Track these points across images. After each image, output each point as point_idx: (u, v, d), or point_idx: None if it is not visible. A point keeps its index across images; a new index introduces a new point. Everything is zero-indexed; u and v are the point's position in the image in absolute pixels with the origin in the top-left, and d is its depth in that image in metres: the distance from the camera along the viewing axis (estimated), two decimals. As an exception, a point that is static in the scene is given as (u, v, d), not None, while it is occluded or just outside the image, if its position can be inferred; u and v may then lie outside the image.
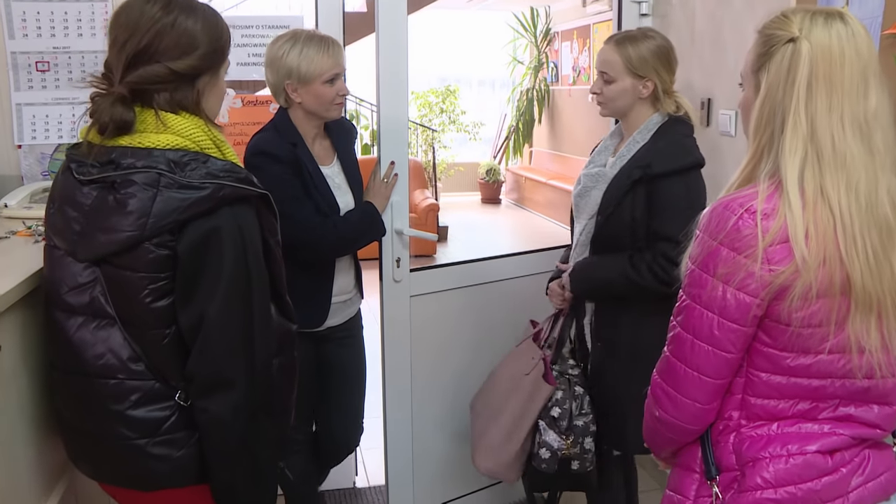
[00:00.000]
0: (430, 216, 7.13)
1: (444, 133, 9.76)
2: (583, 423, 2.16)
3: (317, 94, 2.11)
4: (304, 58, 2.07)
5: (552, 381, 2.17)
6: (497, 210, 10.07)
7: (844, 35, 1.12)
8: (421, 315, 2.63)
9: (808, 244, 1.10)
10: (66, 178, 1.37)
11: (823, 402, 1.19)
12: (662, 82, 2.05)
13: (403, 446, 2.69)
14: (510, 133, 9.99)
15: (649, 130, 2.07)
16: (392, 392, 2.64)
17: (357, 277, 2.38)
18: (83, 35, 2.49)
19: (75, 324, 1.35)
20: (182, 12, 1.33)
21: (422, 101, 9.70)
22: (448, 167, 9.80)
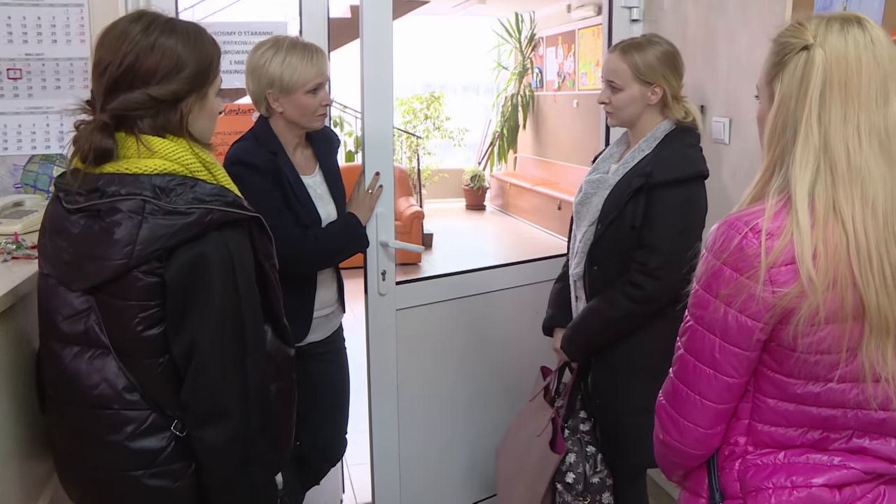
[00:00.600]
0: (415, 224, 7.07)
1: (429, 139, 9.71)
2: (598, 481, 2.14)
3: (299, 103, 2.05)
4: (287, 67, 2.01)
5: (560, 447, 2.14)
6: (482, 216, 10.03)
7: (862, 41, 1.07)
8: (407, 329, 2.57)
9: (815, 264, 1.04)
10: (55, 207, 1.36)
11: (835, 433, 1.13)
12: (671, 88, 2.01)
13: (390, 462, 2.64)
14: (495, 139, 9.96)
15: (656, 139, 2.02)
16: (378, 407, 2.58)
17: (339, 290, 2.32)
18: (58, 41, 2.40)
19: (70, 353, 1.33)
20: (163, 33, 1.30)
21: (406, 107, 9.65)
22: (432, 174, 9.74)
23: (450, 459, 2.78)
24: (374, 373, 2.55)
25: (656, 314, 1.98)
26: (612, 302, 1.99)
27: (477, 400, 2.78)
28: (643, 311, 1.98)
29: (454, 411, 2.74)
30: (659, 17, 2.80)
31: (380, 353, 2.54)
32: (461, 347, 2.71)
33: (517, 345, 2.78)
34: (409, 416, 2.63)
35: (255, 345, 1.35)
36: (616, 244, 2.00)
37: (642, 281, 1.94)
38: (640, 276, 1.94)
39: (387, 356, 2.55)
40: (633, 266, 1.96)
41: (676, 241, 1.93)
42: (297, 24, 2.50)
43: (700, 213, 1.99)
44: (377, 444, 2.61)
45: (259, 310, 1.38)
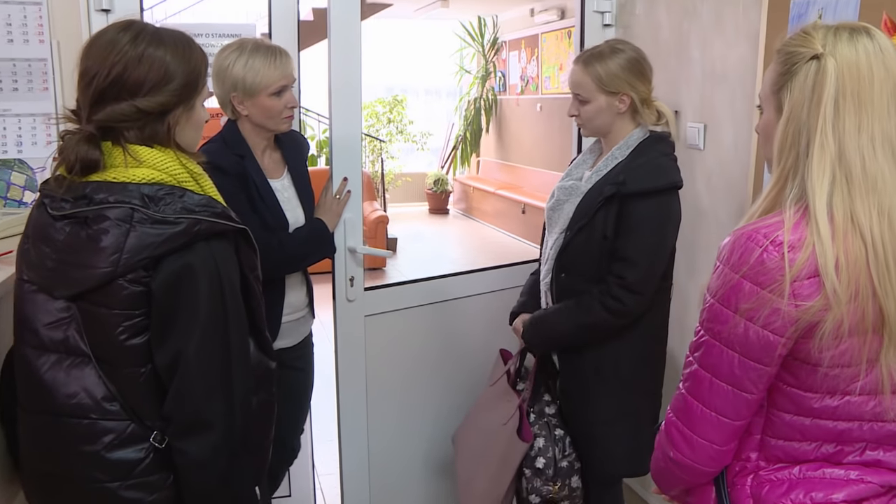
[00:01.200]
0: (379, 228, 7.01)
1: (392, 143, 9.65)
2: (567, 464, 2.12)
3: (263, 106, 2.03)
4: (250, 69, 1.99)
5: (527, 436, 2.11)
6: (445, 220, 10.00)
7: (872, 51, 1.06)
8: (376, 335, 2.54)
9: (838, 276, 1.02)
10: (39, 213, 1.34)
11: (849, 446, 1.12)
12: (639, 94, 1.98)
13: (360, 470, 2.60)
14: (457, 143, 9.95)
15: (629, 147, 2.00)
16: (347, 414, 2.55)
17: (309, 294, 2.30)
18: (14, 41, 2.30)
19: (47, 362, 1.31)
20: (151, 44, 1.29)
21: (369, 110, 9.57)
22: (396, 177, 9.68)
23: (419, 465, 2.75)
24: (342, 380, 2.51)
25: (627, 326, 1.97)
26: (588, 308, 1.97)
27: (447, 406, 2.75)
28: (619, 323, 1.96)
29: (424, 418, 2.71)
30: (631, 23, 2.80)
31: (348, 360, 2.51)
32: (431, 353, 2.69)
33: (487, 351, 2.74)
34: (378, 423, 2.60)
35: (240, 356, 1.34)
36: (585, 253, 1.97)
37: (622, 294, 1.92)
38: (619, 290, 1.92)
39: (355, 363, 2.51)
40: (612, 279, 1.93)
41: (652, 253, 1.92)
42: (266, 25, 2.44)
43: (674, 223, 1.97)
44: (346, 452, 2.57)
45: (245, 321, 1.37)
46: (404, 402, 2.65)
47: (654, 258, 1.92)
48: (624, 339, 1.99)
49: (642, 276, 1.91)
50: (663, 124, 2.03)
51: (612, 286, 1.93)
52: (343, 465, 2.57)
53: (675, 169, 1.98)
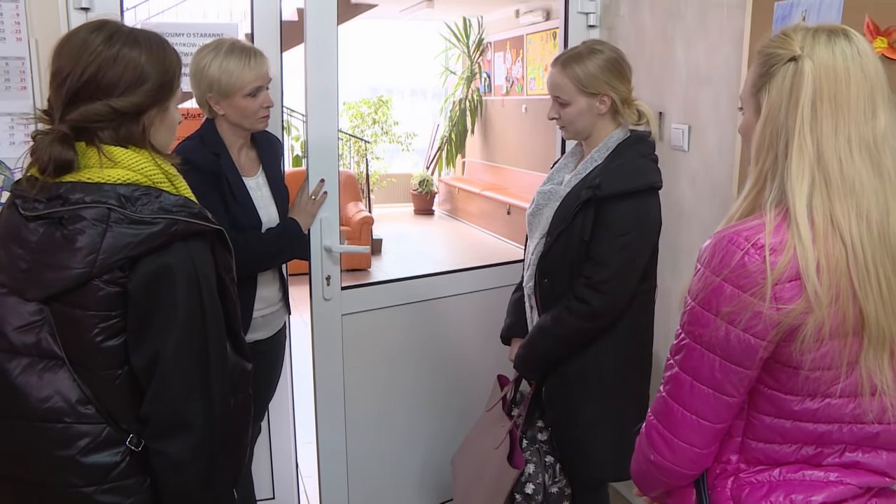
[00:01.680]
0: (364, 229, 7.00)
1: (377, 144, 9.63)
2: (557, 490, 2.12)
3: (238, 106, 2.06)
4: (224, 71, 2.02)
5: (518, 463, 2.10)
6: (430, 221, 9.99)
7: (849, 53, 1.06)
8: (353, 334, 2.54)
9: (819, 279, 1.02)
10: (10, 213, 1.32)
11: (829, 448, 1.12)
12: (619, 93, 1.97)
13: (338, 469, 2.61)
14: (443, 143, 9.95)
15: (608, 149, 1.99)
16: (324, 413, 2.54)
17: (283, 290, 2.32)
18: (-9, 39, 2.27)
19: (18, 366, 1.29)
20: (126, 44, 1.28)
21: (354, 111, 9.55)
22: (381, 178, 9.66)
23: (399, 466, 2.75)
24: (319, 378, 2.51)
25: (605, 328, 1.96)
26: (559, 319, 1.96)
27: (426, 406, 2.76)
28: (590, 326, 1.94)
29: (403, 417, 2.72)
30: (615, 24, 2.80)
31: (325, 359, 2.50)
32: (409, 353, 2.69)
33: (465, 351, 2.77)
34: (356, 422, 2.60)
35: (218, 357, 1.33)
36: (565, 257, 1.96)
37: (587, 295, 1.91)
38: (585, 290, 1.91)
39: (333, 361, 2.52)
40: (580, 280, 1.93)
41: (623, 253, 1.89)
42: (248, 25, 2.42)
43: (651, 224, 1.95)
44: (323, 451, 2.57)
45: (222, 321, 1.36)
46: (382, 400, 2.66)
47: (623, 258, 1.89)
48: (607, 344, 1.98)
49: (609, 276, 1.89)
50: (644, 124, 2.02)
51: (579, 287, 1.92)
52: (321, 465, 2.57)
53: (653, 170, 1.96)
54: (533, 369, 2.11)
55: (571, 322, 1.94)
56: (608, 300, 1.91)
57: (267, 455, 2.80)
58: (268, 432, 2.77)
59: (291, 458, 2.86)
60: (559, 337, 1.98)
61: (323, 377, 2.51)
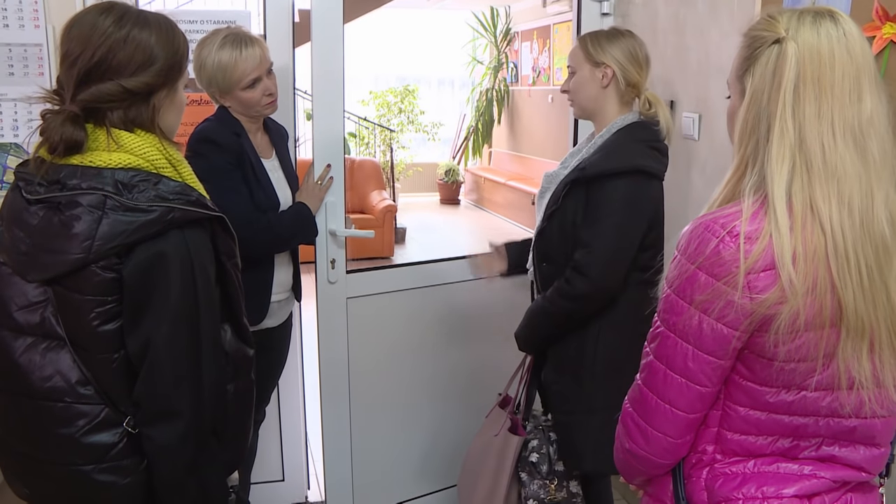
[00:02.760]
0: (387, 217, 7.02)
1: (403, 133, 9.64)
2: (564, 468, 2.10)
3: (240, 99, 2.09)
4: (219, 68, 2.03)
5: (521, 431, 2.11)
6: (456, 211, 9.99)
7: (835, 35, 1.03)
8: (359, 317, 2.56)
9: (795, 267, 1.00)
10: (14, 196, 1.35)
11: (805, 441, 1.10)
12: (624, 71, 1.97)
13: (342, 452, 2.63)
14: (469, 133, 9.93)
15: (610, 132, 1.99)
16: (329, 396, 2.57)
17: (295, 276, 2.35)
18: (10, 26, 2.32)
19: (23, 344, 1.32)
20: (136, 25, 1.30)
21: (380, 100, 9.56)
22: (406, 167, 9.68)
23: (402, 450, 2.76)
24: (324, 361, 2.54)
25: (596, 312, 1.95)
26: (550, 299, 1.97)
27: (430, 390, 2.77)
28: (575, 307, 1.94)
29: (407, 401, 2.73)
30: (629, 11, 2.78)
31: (330, 342, 2.53)
32: (415, 337, 2.70)
33: (471, 336, 2.77)
34: (361, 405, 2.62)
35: (210, 345, 1.34)
36: (559, 239, 1.97)
37: (572, 276, 1.91)
38: (571, 272, 1.91)
39: (337, 344, 2.54)
40: (570, 265, 1.93)
41: (608, 237, 1.87)
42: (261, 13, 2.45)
43: (640, 210, 1.92)
44: (328, 434, 2.60)
45: (216, 310, 1.37)
46: (387, 383, 2.67)
47: (609, 242, 1.87)
48: (602, 330, 1.98)
49: (592, 259, 1.88)
50: (651, 116, 2.01)
51: (568, 269, 1.93)
52: (325, 447, 2.60)
53: (645, 154, 1.93)
54: (529, 345, 2.13)
55: (559, 303, 1.95)
56: (592, 283, 1.89)
57: (277, 439, 2.84)
58: (278, 417, 2.81)
59: (301, 441, 2.90)
60: (551, 315, 1.99)
61: (328, 360, 2.54)
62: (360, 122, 8.94)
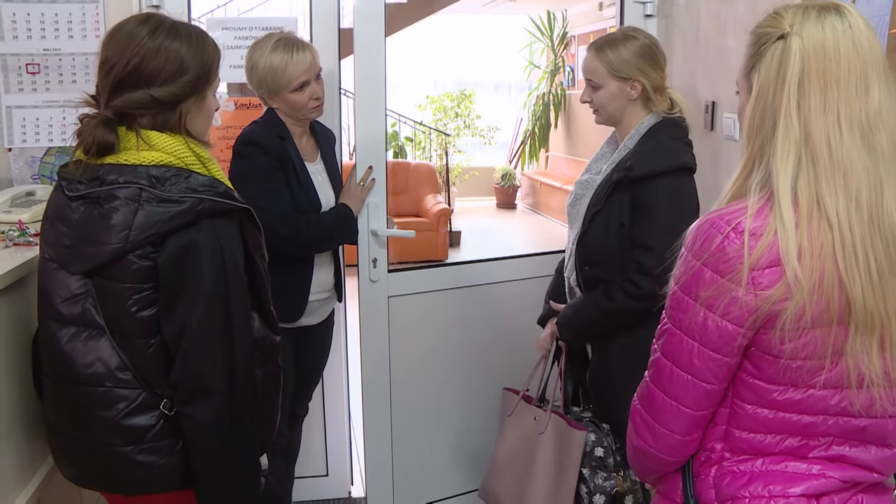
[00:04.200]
0: (441, 220, 7.07)
1: (459, 137, 9.69)
2: (621, 457, 2.08)
3: (287, 101, 2.15)
4: (269, 69, 2.10)
5: (580, 426, 2.07)
6: (512, 215, 9.98)
7: (840, 28, 1.02)
8: (400, 316, 2.61)
9: (801, 263, 0.99)
10: (57, 195, 1.44)
11: (814, 440, 1.09)
12: (650, 80, 1.97)
13: (383, 448, 2.68)
14: (526, 137, 9.91)
15: (640, 133, 2.00)
16: (370, 391, 2.62)
17: (337, 275, 2.39)
18: (74, 37, 2.46)
19: (67, 333, 1.40)
20: (168, 37, 1.38)
21: (437, 105, 9.64)
22: (463, 172, 9.73)
23: (442, 448, 2.80)
24: (365, 358, 2.60)
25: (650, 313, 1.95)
26: (610, 295, 1.96)
27: (470, 388, 2.80)
28: (642, 307, 1.92)
29: (447, 399, 2.76)
30: (673, 12, 2.76)
31: (372, 340, 2.58)
32: (455, 336, 2.73)
33: (512, 336, 2.78)
34: (402, 402, 2.67)
35: (241, 328, 1.41)
36: (604, 242, 1.96)
37: (639, 279, 1.90)
38: (637, 275, 1.91)
39: (379, 342, 2.59)
40: (631, 265, 1.92)
41: (666, 235, 1.87)
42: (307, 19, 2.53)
43: (689, 206, 1.93)
44: (369, 430, 2.65)
45: (246, 295, 1.44)
46: (427, 381, 2.71)
47: (669, 240, 1.88)
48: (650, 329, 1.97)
49: (657, 259, 1.88)
50: (677, 113, 2.01)
51: (631, 272, 1.92)
52: (367, 444, 2.66)
53: (685, 151, 1.95)
54: (573, 332, 2.10)
55: (620, 299, 1.94)
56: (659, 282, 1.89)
57: (322, 435, 2.91)
58: (322, 413, 2.88)
59: (345, 438, 2.96)
60: (606, 309, 1.97)
61: (369, 358, 2.59)
62: (417, 126, 9.03)
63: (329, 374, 2.70)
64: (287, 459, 2.53)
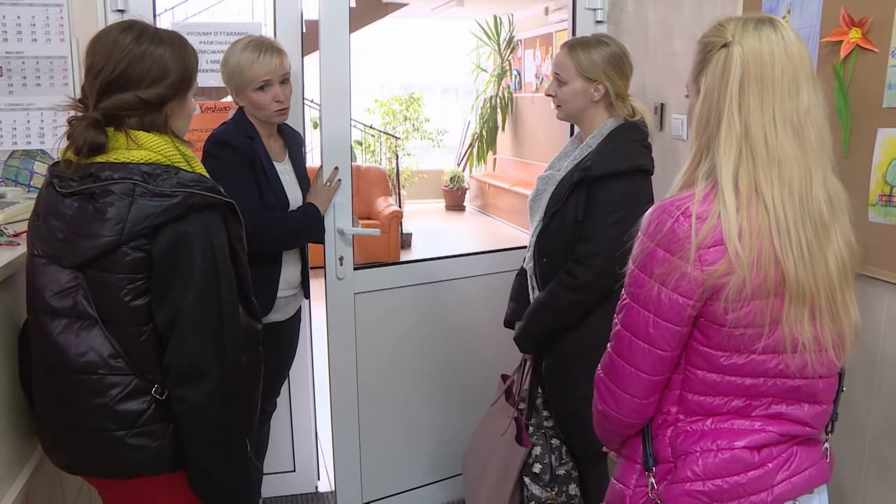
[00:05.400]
0: (393, 223, 7.15)
1: (408, 140, 9.79)
2: (564, 472, 2.23)
3: (250, 99, 2.23)
4: (236, 66, 2.19)
5: (526, 442, 2.22)
6: (461, 217, 10.12)
7: (774, 38, 1.18)
8: (366, 312, 2.70)
9: (741, 242, 1.14)
10: (48, 192, 1.50)
11: (757, 400, 1.23)
12: (614, 86, 2.10)
13: (350, 444, 2.76)
14: (474, 140, 10.06)
15: (602, 135, 2.12)
16: (337, 387, 2.70)
17: (304, 273, 2.47)
18: (38, 40, 2.47)
19: (59, 326, 1.46)
20: (152, 43, 1.47)
21: (385, 108, 9.72)
22: (412, 174, 9.83)
23: (410, 440, 2.88)
24: (333, 354, 2.67)
25: (598, 302, 2.06)
26: (551, 292, 2.09)
27: (436, 383, 2.89)
28: (578, 298, 2.05)
29: (413, 394, 2.85)
30: (622, 19, 2.91)
31: (338, 335, 2.66)
32: (420, 331, 2.83)
33: (474, 328, 2.89)
34: (368, 397, 2.75)
35: (230, 313, 1.50)
36: (561, 236, 2.09)
37: (574, 268, 2.03)
38: (573, 265, 2.04)
39: (346, 337, 2.67)
40: (571, 257, 2.05)
41: (609, 230, 1.99)
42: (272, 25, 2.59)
43: (640, 205, 2.02)
44: (337, 425, 2.72)
45: (234, 283, 1.52)
46: (394, 376, 2.80)
47: (610, 235, 1.98)
48: (601, 318, 2.07)
49: (595, 251, 2.00)
50: (638, 120, 2.14)
51: (569, 263, 2.05)
52: (335, 438, 2.73)
53: (643, 154, 2.08)
54: (532, 343, 2.23)
55: (562, 294, 2.07)
56: (593, 273, 2.01)
57: (288, 431, 2.96)
58: (289, 410, 2.93)
59: (311, 434, 3.01)
60: (553, 310, 2.10)
61: (336, 353, 2.67)
62: (366, 129, 9.09)
63: (295, 371, 2.76)
64: (257, 455, 2.58)
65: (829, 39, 1.87)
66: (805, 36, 1.94)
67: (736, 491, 1.20)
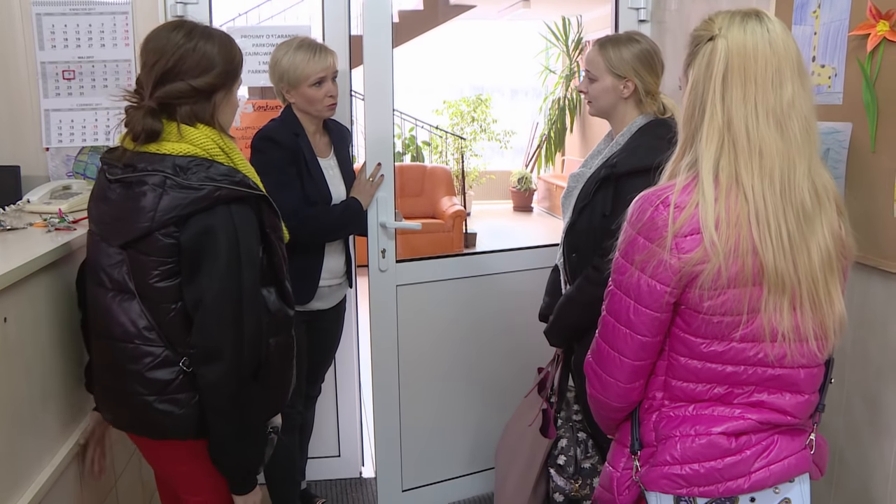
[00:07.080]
0: (456, 222, 7.22)
1: (476, 141, 9.86)
2: (590, 465, 2.25)
3: (305, 95, 2.34)
4: (292, 64, 2.31)
5: (551, 433, 2.26)
6: (528, 218, 10.11)
7: (759, 32, 1.20)
8: (408, 304, 2.77)
9: (718, 231, 1.16)
10: (101, 177, 1.65)
11: (738, 388, 1.25)
12: (644, 83, 2.12)
13: (391, 433, 2.83)
14: (542, 142, 10.05)
15: (630, 132, 2.14)
16: (379, 376, 2.77)
17: (347, 263, 2.56)
18: (105, 45, 2.67)
19: (106, 296, 1.60)
20: (202, 38, 1.59)
21: (453, 109, 9.82)
22: (479, 175, 9.90)
23: (449, 431, 2.94)
24: (375, 344, 2.76)
25: None
26: (579, 287, 2.12)
27: (476, 374, 2.94)
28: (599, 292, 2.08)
29: (453, 384, 2.91)
30: (665, 18, 2.91)
31: (381, 326, 2.74)
32: (460, 324, 2.88)
33: (516, 322, 2.91)
34: (409, 386, 2.81)
35: (251, 302, 1.58)
36: (589, 231, 2.11)
37: (600, 263, 2.03)
38: (598, 260, 2.04)
39: (388, 329, 2.75)
40: (597, 252, 2.07)
41: None
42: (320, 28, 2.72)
43: None
44: (378, 414, 2.80)
45: (257, 272, 1.61)
46: (434, 366, 2.86)
47: None
48: None
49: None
50: (668, 117, 2.15)
51: (595, 258, 2.07)
52: (376, 426, 2.82)
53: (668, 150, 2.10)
54: (560, 337, 2.26)
55: (588, 289, 2.09)
56: None
57: (334, 417, 3.08)
58: (335, 396, 3.04)
59: (356, 419, 3.12)
60: (580, 304, 2.13)
61: (378, 343, 2.75)
62: (434, 130, 9.22)
63: (341, 358, 2.87)
64: (302, 437, 2.70)
65: (856, 33, 1.84)
66: (834, 30, 1.92)
67: (712, 476, 1.22)
